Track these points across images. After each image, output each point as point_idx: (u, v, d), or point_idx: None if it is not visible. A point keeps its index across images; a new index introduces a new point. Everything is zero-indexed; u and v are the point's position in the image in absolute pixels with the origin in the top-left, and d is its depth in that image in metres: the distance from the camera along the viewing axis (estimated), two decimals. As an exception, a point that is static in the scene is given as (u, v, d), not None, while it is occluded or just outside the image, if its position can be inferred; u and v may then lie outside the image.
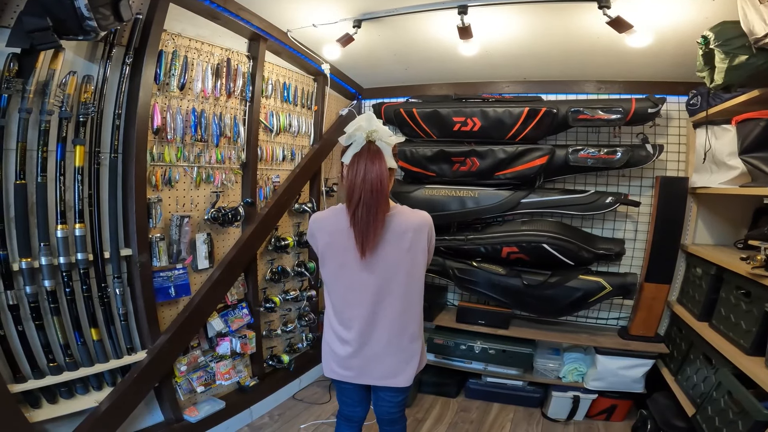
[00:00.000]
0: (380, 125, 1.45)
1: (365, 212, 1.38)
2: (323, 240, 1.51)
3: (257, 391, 2.55)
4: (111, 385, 1.85)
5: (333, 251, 1.49)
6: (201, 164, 2.16)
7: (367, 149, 1.40)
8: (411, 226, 1.46)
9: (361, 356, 1.52)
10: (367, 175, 1.37)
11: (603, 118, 2.46)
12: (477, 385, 2.88)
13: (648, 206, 2.68)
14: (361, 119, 1.45)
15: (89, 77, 1.66)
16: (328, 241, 1.49)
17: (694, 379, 2.11)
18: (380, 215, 1.40)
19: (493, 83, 2.97)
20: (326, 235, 1.50)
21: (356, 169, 1.39)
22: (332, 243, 1.48)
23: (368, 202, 1.38)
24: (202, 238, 2.19)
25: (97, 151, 1.74)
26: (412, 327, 1.54)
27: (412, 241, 1.46)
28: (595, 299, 2.52)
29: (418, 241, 1.47)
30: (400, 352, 1.53)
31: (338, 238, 1.46)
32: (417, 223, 1.47)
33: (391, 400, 1.63)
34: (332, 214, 1.50)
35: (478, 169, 2.69)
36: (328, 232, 1.49)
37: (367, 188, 1.37)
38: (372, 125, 1.43)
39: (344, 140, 1.46)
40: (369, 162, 1.38)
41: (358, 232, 1.40)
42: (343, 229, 1.44)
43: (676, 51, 2.16)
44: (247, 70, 2.33)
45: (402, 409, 1.69)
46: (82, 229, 1.70)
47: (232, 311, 2.37)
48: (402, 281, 1.47)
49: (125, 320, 1.88)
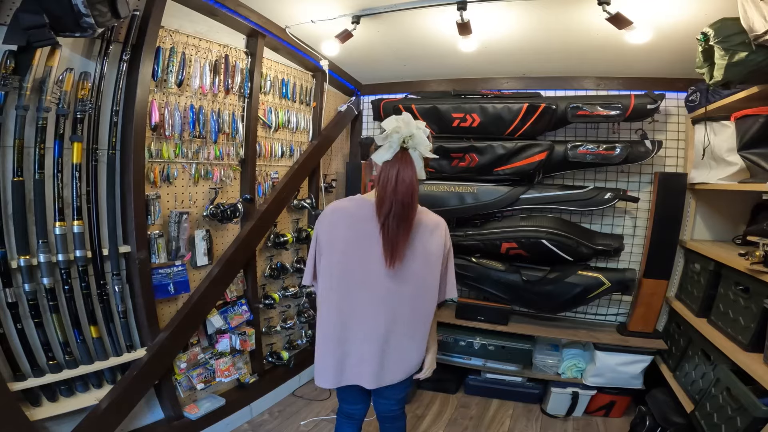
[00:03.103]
0: (419, 130, 1.40)
1: (395, 224, 1.37)
2: (339, 234, 1.45)
3: (257, 388, 2.55)
4: (111, 382, 1.85)
5: (351, 246, 1.44)
6: (199, 161, 2.16)
7: (400, 158, 1.37)
8: (429, 228, 1.48)
9: (368, 359, 1.48)
10: (399, 186, 1.35)
11: (602, 114, 2.46)
12: (476, 381, 2.89)
13: (647, 202, 2.69)
14: (401, 120, 1.40)
15: (86, 74, 1.66)
16: (346, 236, 1.44)
17: (692, 375, 2.12)
18: (408, 227, 1.40)
19: (492, 79, 2.97)
20: (343, 229, 1.45)
21: (387, 176, 1.36)
22: (350, 238, 1.44)
23: (399, 214, 1.36)
24: (200, 234, 2.19)
25: (94, 147, 1.73)
26: (421, 331, 1.52)
27: (432, 245, 1.47)
28: (594, 295, 2.53)
29: (436, 245, 1.48)
30: (408, 352, 1.51)
31: (359, 233, 1.43)
32: (434, 223, 1.49)
33: (392, 397, 1.63)
34: (355, 207, 1.46)
35: (477, 165, 2.69)
36: (346, 225, 1.45)
37: (398, 200, 1.35)
38: (410, 129, 1.38)
39: (379, 139, 1.42)
40: (401, 172, 1.35)
41: (387, 242, 1.39)
42: (366, 224, 1.42)
43: (675, 47, 2.16)
44: (246, 66, 2.32)
45: (402, 406, 1.69)
46: (80, 226, 1.69)
47: (232, 308, 2.37)
48: (418, 285, 1.47)
49: (124, 318, 1.88)
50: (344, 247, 1.45)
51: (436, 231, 1.49)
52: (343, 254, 1.45)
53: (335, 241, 1.46)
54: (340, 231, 1.46)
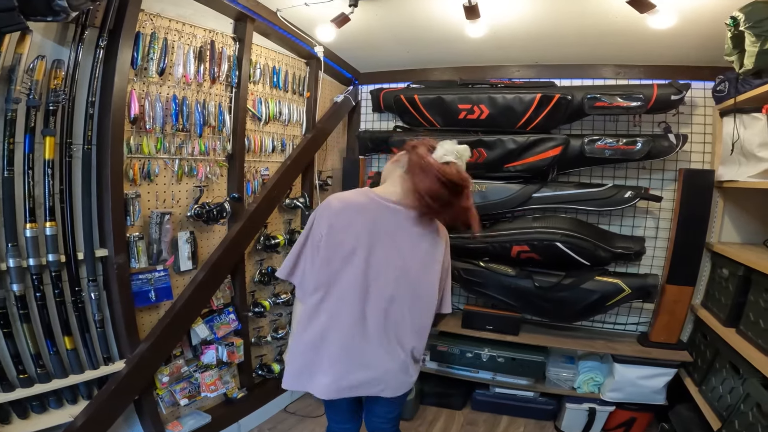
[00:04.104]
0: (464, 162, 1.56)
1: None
2: (350, 235, 1.45)
3: (246, 404, 2.55)
4: (87, 398, 1.84)
5: (352, 240, 1.45)
6: (183, 156, 2.15)
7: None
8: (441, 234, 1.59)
9: (363, 368, 1.49)
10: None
11: (622, 105, 2.46)
12: (484, 396, 2.89)
13: (670, 201, 2.68)
14: (454, 150, 1.52)
15: (60, 62, 1.65)
16: (359, 238, 1.46)
17: (719, 389, 2.11)
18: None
19: (502, 67, 2.96)
20: (346, 223, 1.46)
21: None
22: (364, 241, 1.46)
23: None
24: (184, 236, 2.18)
25: (68, 142, 1.72)
26: (421, 345, 1.57)
27: (438, 253, 1.57)
28: (612, 302, 2.52)
29: (441, 254, 1.59)
30: (399, 360, 1.51)
31: (374, 237, 1.47)
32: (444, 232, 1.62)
33: (384, 415, 1.63)
34: (374, 205, 1.51)
35: (486, 161, 2.69)
36: (350, 220, 1.47)
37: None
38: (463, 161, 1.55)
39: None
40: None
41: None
42: (383, 226, 1.48)
43: (702, 33, 2.15)
44: (233, 53, 2.32)
45: (396, 425, 1.69)
46: (53, 228, 1.68)
47: (218, 317, 2.37)
48: (423, 293, 1.54)
49: (101, 327, 1.87)
50: (354, 251, 1.45)
51: (443, 241, 1.59)
52: (349, 260, 1.45)
53: (344, 242, 1.46)
54: (352, 232, 1.46)
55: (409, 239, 1.49)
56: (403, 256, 1.48)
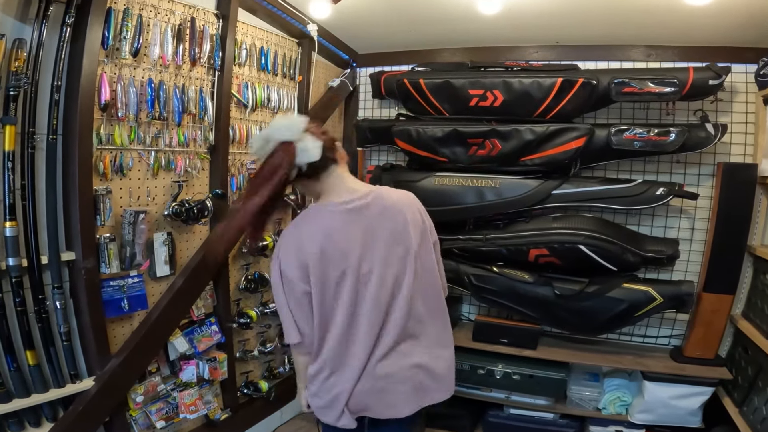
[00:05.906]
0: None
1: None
2: (313, 258, 1.45)
3: (230, 426, 2.55)
4: (51, 420, 1.84)
5: (332, 265, 1.46)
6: (160, 148, 2.16)
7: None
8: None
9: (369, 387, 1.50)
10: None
11: (653, 91, 2.46)
12: (498, 418, 2.89)
13: (707, 199, 2.69)
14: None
15: (21, 41, 1.65)
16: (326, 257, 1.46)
17: (762, 411, 2.12)
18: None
19: (518, 48, 2.97)
20: (317, 251, 1.45)
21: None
22: (329, 256, 1.46)
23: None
24: (161, 238, 2.18)
25: (31, 131, 1.72)
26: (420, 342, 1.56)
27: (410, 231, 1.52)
28: (642, 313, 2.53)
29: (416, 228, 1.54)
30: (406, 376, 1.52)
31: (336, 246, 1.46)
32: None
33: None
34: (323, 220, 1.49)
35: (500, 154, 2.69)
36: (319, 247, 1.45)
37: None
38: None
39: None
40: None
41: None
42: (341, 234, 1.46)
43: (744, 10, 2.16)
44: (216, 32, 2.32)
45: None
46: (13, 229, 1.69)
47: (199, 328, 2.37)
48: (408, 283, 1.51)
49: (68, 340, 1.87)
50: (325, 270, 1.46)
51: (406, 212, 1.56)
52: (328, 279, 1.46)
53: (314, 271, 1.45)
54: (313, 256, 1.45)
55: (379, 235, 1.50)
56: (383, 257, 1.49)
